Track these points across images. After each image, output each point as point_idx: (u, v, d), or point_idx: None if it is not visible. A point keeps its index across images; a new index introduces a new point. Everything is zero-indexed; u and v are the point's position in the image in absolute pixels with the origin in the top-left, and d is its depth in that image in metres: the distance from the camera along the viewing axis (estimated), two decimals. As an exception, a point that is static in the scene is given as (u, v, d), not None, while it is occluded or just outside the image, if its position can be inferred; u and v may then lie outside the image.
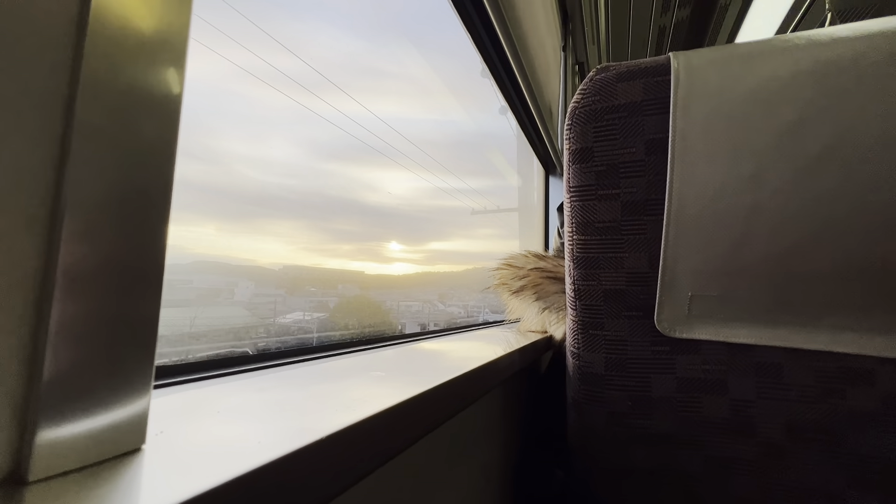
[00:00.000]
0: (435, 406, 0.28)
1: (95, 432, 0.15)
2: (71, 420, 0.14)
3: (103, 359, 0.15)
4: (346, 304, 2.17)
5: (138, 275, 0.16)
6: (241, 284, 1.38)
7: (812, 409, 0.43)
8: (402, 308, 2.62)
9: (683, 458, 0.47)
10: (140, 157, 0.16)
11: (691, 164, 0.45)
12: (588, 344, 0.51)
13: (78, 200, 0.14)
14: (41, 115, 0.14)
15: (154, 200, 0.16)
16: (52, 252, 0.14)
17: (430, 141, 3.85)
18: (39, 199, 0.14)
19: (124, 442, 0.15)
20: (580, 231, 0.50)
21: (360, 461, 0.20)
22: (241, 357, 0.33)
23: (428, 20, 3.13)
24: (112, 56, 0.15)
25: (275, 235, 1.09)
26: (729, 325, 0.45)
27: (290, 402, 0.23)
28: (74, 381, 0.14)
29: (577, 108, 0.50)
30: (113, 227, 0.15)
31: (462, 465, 0.45)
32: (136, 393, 0.16)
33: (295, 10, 2.09)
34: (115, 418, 0.15)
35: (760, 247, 0.43)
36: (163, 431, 0.17)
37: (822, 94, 0.41)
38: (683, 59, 0.46)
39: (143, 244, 0.16)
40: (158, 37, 0.17)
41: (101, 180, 0.15)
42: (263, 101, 0.91)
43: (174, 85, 0.17)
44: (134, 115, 0.16)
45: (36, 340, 0.13)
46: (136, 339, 0.16)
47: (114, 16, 0.15)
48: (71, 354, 0.14)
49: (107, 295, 0.15)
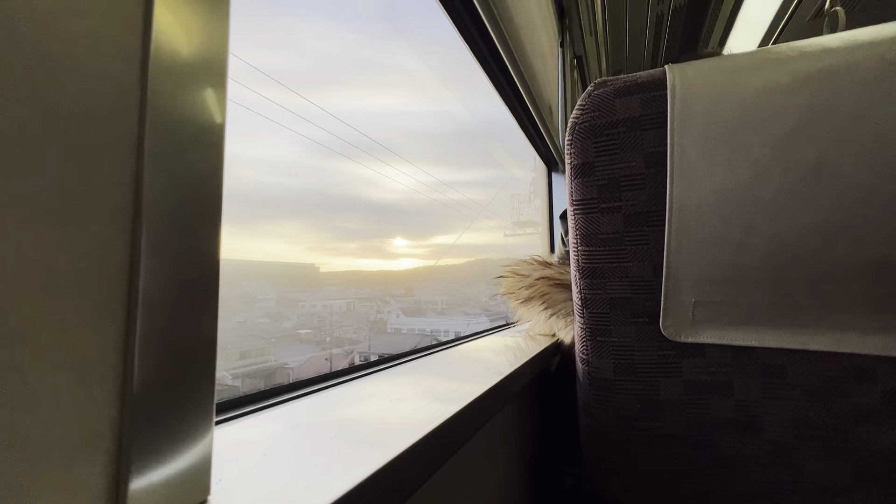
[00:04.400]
0: (459, 428, 0.30)
1: (171, 481, 0.17)
2: (153, 469, 0.16)
3: (178, 406, 0.17)
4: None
5: (197, 298, 0.18)
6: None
7: (816, 407, 0.45)
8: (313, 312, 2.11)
9: (692, 458, 0.49)
10: (193, 179, 0.18)
11: (690, 175, 0.46)
12: (597, 350, 0.52)
13: (151, 220, 0.16)
14: (117, 144, 0.15)
15: (207, 219, 0.18)
16: (133, 266, 0.16)
17: (430, 133, 3.79)
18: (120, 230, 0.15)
19: (194, 492, 0.17)
20: (585, 242, 0.52)
21: (398, 493, 0.22)
22: (264, 392, 0.35)
23: (424, 9, 2.98)
24: (169, 89, 0.17)
25: (279, 236, 1.09)
26: (733, 328, 0.47)
27: (324, 436, 0.25)
28: (157, 429, 0.16)
29: (576, 123, 0.52)
30: (178, 245, 0.17)
31: (478, 479, 0.48)
32: (200, 437, 0.18)
33: (286, 5, 2.04)
34: (186, 465, 0.17)
35: (760, 253, 0.44)
36: (221, 480, 0.19)
37: (816, 104, 0.42)
38: (679, 72, 0.47)
39: (200, 262, 0.18)
40: (203, 63, 0.18)
41: (166, 201, 0.17)
42: (258, 100, 0.90)
43: (219, 108, 0.19)
44: (187, 139, 0.17)
45: (125, 379, 0.15)
46: (198, 385, 0.18)
47: (167, 52, 0.17)
48: (149, 403, 0.16)
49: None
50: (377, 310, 2.23)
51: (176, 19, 0.17)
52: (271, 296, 2.09)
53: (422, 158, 11.71)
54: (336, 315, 1.70)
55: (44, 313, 0.13)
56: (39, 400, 0.13)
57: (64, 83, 0.14)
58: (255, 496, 0.18)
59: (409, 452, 0.23)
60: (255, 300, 2.24)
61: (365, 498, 0.19)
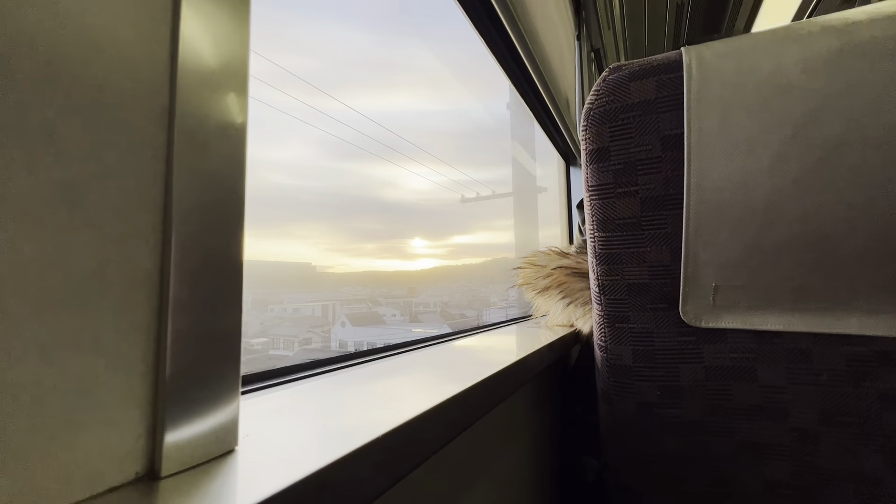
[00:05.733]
0: (472, 403, 0.30)
1: (203, 434, 0.18)
2: (186, 424, 0.17)
3: (205, 367, 0.18)
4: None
5: (222, 286, 0.19)
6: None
7: (844, 392, 0.44)
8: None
9: (714, 445, 0.48)
10: (216, 179, 0.19)
11: (708, 157, 0.46)
12: (615, 337, 0.52)
13: (180, 213, 0.17)
14: (148, 146, 0.17)
15: (231, 216, 0.20)
16: (165, 261, 0.17)
17: (445, 132, 3.71)
18: (152, 214, 0.17)
19: (222, 444, 0.19)
20: (601, 228, 0.52)
21: (411, 455, 0.23)
22: (293, 367, 0.36)
23: (439, 8, 3.01)
24: (195, 96, 0.18)
25: (299, 238, 1.11)
26: (756, 313, 0.46)
27: (345, 405, 0.26)
28: (187, 389, 0.17)
29: (591, 108, 0.51)
30: (202, 240, 0.18)
31: (498, 457, 0.48)
32: (228, 400, 0.19)
33: (302, 10, 2.06)
34: (216, 423, 0.19)
35: (783, 235, 0.43)
36: (248, 435, 0.21)
37: (838, 80, 0.41)
38: (695, 53, 0.47)
39: (224, 255, 0.19)
40: (225, 69, 0.19)
41: (193, 199, 0.18)
42: (277, 103, 0.93)
43: (240, 110, 0.20)
44: (212, 141, 0.19)
45: (158, 349, 0.17)
46: (225, 348, 0.19)
47: (193, 61, 0.18)
48: (183, 365, 0.17)
49: (204, 306, 0.18)
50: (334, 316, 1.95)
51: (201, 30, 0.18)
52: (248, 298, 1.91)
53: (439, 158, 11.74)
54: (287, 322, 1.45)
55: (98, 288, 0.15)
56: (91, 366, 0.15)
57: (105, 96, 0.16)
58: (278, 446, 0.19)
59: (420, 419, 0.24)
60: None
61: (380, 452, 0.20)
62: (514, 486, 0.53)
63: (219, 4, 0.19)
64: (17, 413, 0.13)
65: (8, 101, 0.13)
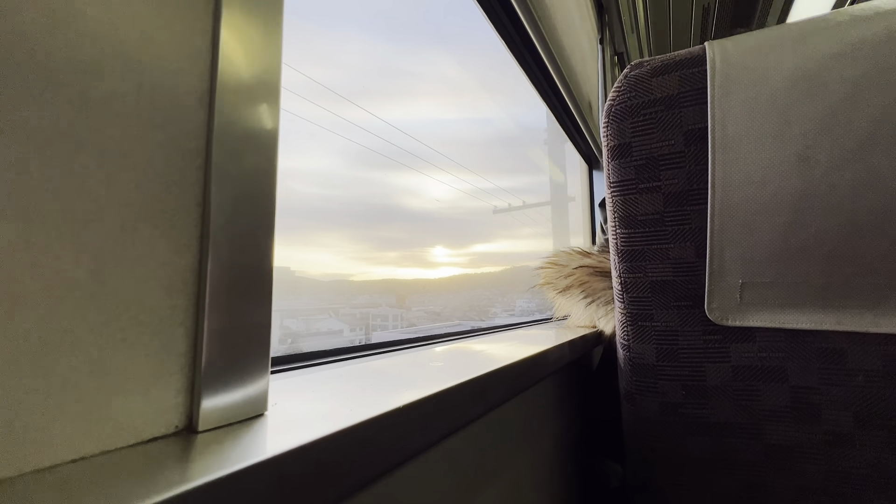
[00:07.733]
0: (487, 390, 0.31)
1: (235, 401, 0.19)
2: (221, 392, 0.19)
3: (239, 351, 0.20)
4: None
5: (254, 281, 0.21)
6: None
7: (881, 395, 0.42)
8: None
9: (742, 447, 0.47)
10: (250, 185, 0.21)
11: (734, 151, 0.45)
12: (638, 335, 0.51)
13: (216, 220, 0.19)
14: (190, 150, 0.18)
15: (263, 219, 0.21)
16: (203, 254, 0.18)
17: (468, 141, 3.82)
18: (191, 218, 0.18)
19: (253, 408, 0.20)
20: (623, 225, 0.52)
21: (423, 429, 0.24)
22: (321, 352, 0.38)
23: (460, 16, 3.02)
24: (231, 107, 0.20)
25: (323, 246, 1.15)
26: (786, 311, 0.44)
27: (368, 386, 0.27)
28: (223, 364, 0.19)
29: (613, 105, 0.51)
30: (236, 240, 0.20)
31: (518, 453, 0.48)
32: (259, 375, 0.20)
33: (327, 21, 2.18)
34: (247, 393, 0.20)
35: (814, 230, 0.42)
36: (276, 403, 0.22)
37: (867, 71, 0.40)
38: (719, 47, 0.46)
39: (256, 255, 0.21)
40: (259, 81, 0.21)
41: (229, 202, 0.19)
42: (301, 113, 0.96)
43: (272, 119, 0.22)
44: (246, 148, 0.20)
45: (196, 330, 0.18)
46: (256, 328, 0.21)
47: (230, 74, 0.20)
48: (219, 345, 0.19)
49: (237, 297, 0.20)
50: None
51: (237, 45, 0.20)
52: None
53: (462, 165, 11.81)
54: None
55: (150, 276, 0.17)
56: (141, 336, 0.16)
57: (156, 115, 0.17)
58: (303, 413, 0.21)
59: (440, 395, 0.24)
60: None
61: (399, 422, 0.21)
62: (534, 482, 0.53)
63: (254, 22, 0.21)
64: (82, 369, 0.15)
65: (89, 120, 0.15)
